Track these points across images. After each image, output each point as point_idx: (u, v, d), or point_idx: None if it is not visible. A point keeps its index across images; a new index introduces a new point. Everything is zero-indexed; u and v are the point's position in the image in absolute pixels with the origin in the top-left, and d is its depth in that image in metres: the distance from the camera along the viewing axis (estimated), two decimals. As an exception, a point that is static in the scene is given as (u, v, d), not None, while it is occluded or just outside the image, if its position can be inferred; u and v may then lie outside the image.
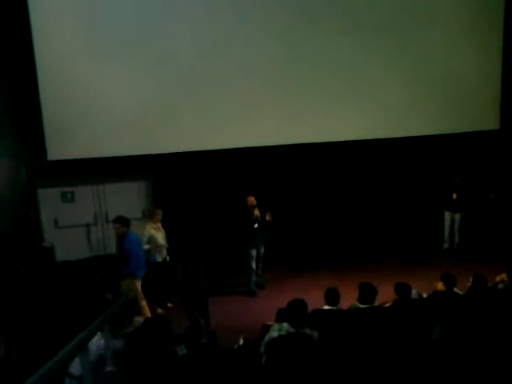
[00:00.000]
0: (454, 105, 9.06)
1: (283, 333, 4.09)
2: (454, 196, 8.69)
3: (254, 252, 7.46)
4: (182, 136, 8.13)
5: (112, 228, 6.66)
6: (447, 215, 8.85)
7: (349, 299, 5.17)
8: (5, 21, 7.22)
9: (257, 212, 7.38)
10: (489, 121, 9.36)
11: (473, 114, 9.23)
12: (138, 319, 5.26)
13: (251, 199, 7.38)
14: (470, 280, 5.14)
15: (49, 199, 8.20)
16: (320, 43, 8.37)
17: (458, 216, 8.80)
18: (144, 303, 6.39)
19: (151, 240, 6.86)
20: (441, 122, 9.05)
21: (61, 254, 7.97)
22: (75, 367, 3.78)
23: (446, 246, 8.93)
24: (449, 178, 8.80)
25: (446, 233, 8.89)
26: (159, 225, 7.08)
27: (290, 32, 8.22)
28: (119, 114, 7.82)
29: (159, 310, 6.91)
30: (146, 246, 6.83)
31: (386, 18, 8.56)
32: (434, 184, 9.06)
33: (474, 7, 8.93)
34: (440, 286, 5.25)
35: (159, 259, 6.97)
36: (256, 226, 7.37)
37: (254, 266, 7.51)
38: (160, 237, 6.97)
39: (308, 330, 4.12)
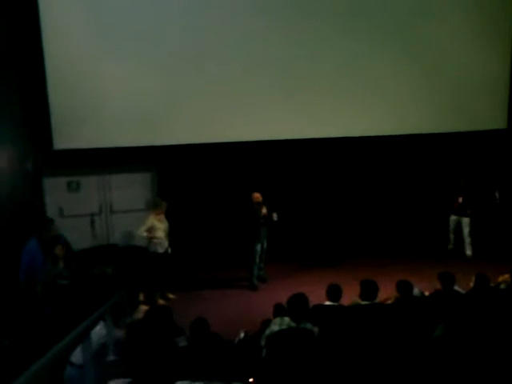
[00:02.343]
0: (461, 103, 8.99)
1: (284, 327, 4.10)
2: (460, 200, 8.50)
3: (259, 247, 7.47)
4: (189, 128, 8.13)
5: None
6: (453, 218, 8.68)
7: (350, 295, 5.18)
8: (14, 11, 7.23)
9: (264, 210, 7.34)
10: (497, 120, 9.29)
11: (481, 112, 9.16)
12: (143, 308, 5.29)
13: (256, 195, 7.36)
14: (473, 280, 5.13)
15: (55, 188, 8.22)
16: (325, 41, 8.34)
17: (466, 220, 8.55)
18: None
19: (151, 230, 6.89)
20: (448, 121, 8.98)
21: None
22: (76, 356, 3.81)
23: (450, 246, 8.82)
24: (454, 181, 8.66)
25: (451, 235, 8.76)
26: (163, 216, 7.10)
27: (293, 29, 8.18)
28: (126, 105, 7.82)
29: (161, 301, 6.95)
30: (145, 234, 6.88)
31: (394, 16, 8.51)
32: (439, 184, 8.98)
33: (483, 5, 8.86)
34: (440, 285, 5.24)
35: (160, 251, 7.00)
36: (262, 221, 7.37)
37: (257, 260, 7.53)
38: (162, 229, 6.99)
39: (309, 325, 4.13)
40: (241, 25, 8.08)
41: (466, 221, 8.57)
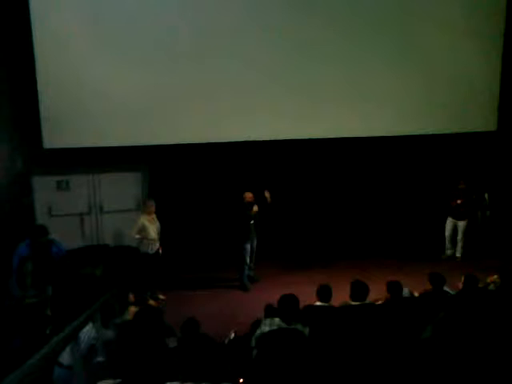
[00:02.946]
0: (451, 105, 9.01)
1: (274, 327, 4.10)
2: (459, 202, 8.40)
3: (248, 246, 7.48)
4: (180, 128, 8.09)
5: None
6: (449, 222, 8.57)
7: (341, 296, 5.19)
8: (4, 7, 7.16)
9: (255, 208, 7.37)
10: (486, 122, 9.35)
11: (470, 114, 9.20)
12: (132, 309, 5.26)
13: (248, 195, 7.37)
14: (462, 280, 5.17)
15: (44, 187, 8.14)
16: (325, 41, 8.34)
17: (462, 223, 8.47)
18: None
19: (142, 230, 6.86)
20: (438, 122, 9.00)
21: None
22: (65, 357, 3.78)
23: (448, 252, 8.65)
24: (453, 183, 8.57)
25: (448, 239, 8.62)
26: (154, 216, 7.08)
27: (293, 29, 8.18)
28: (117, 104, 7.76)
29: (151, 302, 6.91)
30: (137, 236, 6.85)
31: (387, 18, 8.52)
32: (435, 186, 8.94)
33: (475, 8, 8.91)
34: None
35: (151, 251, 6.98)
36: (252, 222, 7.38)
37: (248, 259, 7.53)
38: (152, 229, 6.96)
39: (300, 326, 4.13)
40: (240, 24, 8.04)
41: (462, 224, 8.49)
